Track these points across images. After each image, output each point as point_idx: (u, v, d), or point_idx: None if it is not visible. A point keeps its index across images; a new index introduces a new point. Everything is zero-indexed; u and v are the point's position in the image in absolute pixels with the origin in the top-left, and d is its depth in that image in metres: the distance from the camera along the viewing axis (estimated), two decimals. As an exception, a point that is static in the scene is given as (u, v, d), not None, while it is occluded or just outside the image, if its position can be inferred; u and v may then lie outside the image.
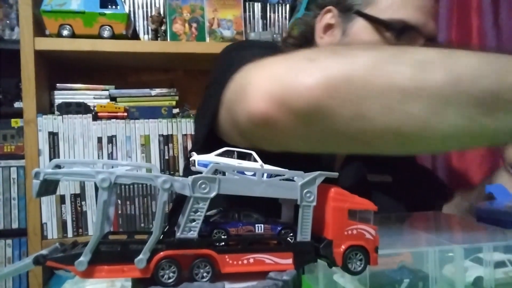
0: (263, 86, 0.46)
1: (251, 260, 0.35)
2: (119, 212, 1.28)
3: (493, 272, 0.45)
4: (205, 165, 0.36)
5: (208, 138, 0.62)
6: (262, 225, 0.37)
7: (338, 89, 0.42)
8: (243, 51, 0.64)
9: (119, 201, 1.28)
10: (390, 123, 0.41)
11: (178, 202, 0.77)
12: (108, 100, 1.35)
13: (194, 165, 0.38)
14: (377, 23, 0.69)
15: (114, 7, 1.25)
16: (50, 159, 1.22)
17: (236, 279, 0.34)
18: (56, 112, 1.28)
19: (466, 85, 0.39)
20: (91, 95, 1.35)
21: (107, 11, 1.24)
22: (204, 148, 0.65)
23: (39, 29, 1.24)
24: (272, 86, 0.45)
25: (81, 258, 0.31)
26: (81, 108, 1.28)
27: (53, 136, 1.24)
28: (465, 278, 0.45)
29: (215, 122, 0.59)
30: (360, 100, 0.41)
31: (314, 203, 0.35)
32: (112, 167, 0.35)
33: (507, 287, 0.46)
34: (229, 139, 0.57)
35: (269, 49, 0.59)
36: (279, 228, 0.37)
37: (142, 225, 1.29)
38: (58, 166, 0.33)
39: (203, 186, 0.33)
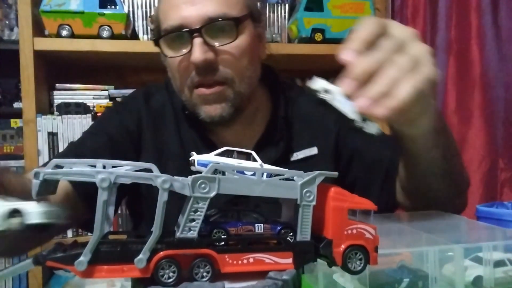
0: None
1: (251, 260, 0.35)
2: (119, 212, 1.28)
3: (492, 271, 0.45)
4: (205, 165, 0.36)
5: None
6: (262, 225, 0.37)
7: None
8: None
9: (119, 201, 1.27)
10: None
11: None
12: (108, 100, 1.35)
13: (194, 165, 0.38)
14: (159, 40, 0.68)
15: (113, 7, 1.25)
16: (50, 159, 1.22)
17: (236, 279, 0.34)
18: (56, 112, 1.28)
19: None
20: (91, 95, 1.35)
21: (106, 11, 1.24)
22: None
23: (38, 29, 1.23)
24: None
25: (81, 258, 0.31)
26: (81, 108, 1.28)
27: (52, 136, 1.24)
28: (465, 277, 0.45)
29: None
30: None
31: (314, 203, 0.35)
32: (112, 167, 0.35)
33: (506, 286, 0.46)
34: None
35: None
36: (279, 228, 0.37)
37: (142, 225, 1.29)
38: (58, 166, 0.33)
39: (203, 186, 0.33)
